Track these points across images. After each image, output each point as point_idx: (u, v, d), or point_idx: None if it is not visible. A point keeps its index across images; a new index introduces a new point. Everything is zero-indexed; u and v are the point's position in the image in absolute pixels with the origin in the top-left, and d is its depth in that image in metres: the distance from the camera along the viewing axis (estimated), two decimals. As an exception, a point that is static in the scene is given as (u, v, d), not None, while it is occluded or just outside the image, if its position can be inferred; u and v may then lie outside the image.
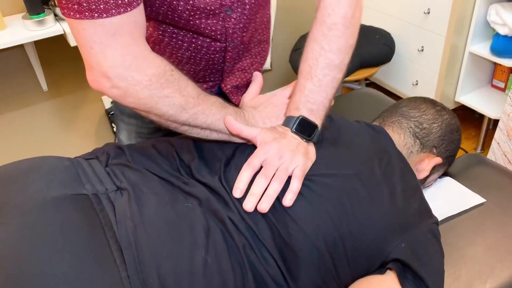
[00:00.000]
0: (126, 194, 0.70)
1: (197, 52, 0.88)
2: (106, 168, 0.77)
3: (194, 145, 0.84)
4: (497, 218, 0.95)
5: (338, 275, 0.73)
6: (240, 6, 0.86)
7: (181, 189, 0.74)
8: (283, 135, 0.79)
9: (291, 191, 0.73)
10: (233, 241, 0.68)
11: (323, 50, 0.82)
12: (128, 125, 1.09)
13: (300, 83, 0.83)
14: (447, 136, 0.96)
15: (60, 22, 1.61)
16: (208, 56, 0.90)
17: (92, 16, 0.65)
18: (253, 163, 0.75)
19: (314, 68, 0.82)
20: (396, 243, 0.74)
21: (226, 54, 0.92)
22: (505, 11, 1.84)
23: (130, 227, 0.65)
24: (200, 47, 0.88)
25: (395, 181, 0.79)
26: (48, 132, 2.02)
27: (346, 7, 0.82)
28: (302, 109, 0.81)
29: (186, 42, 0.86)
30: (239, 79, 1.01)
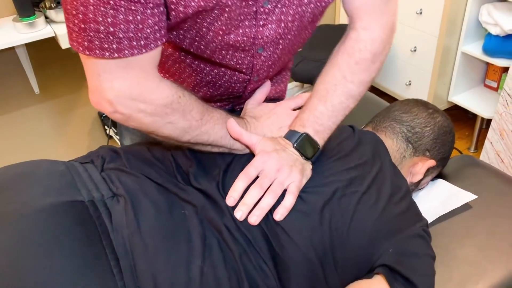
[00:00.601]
0: (122, 201, 0.69)
1: (218, 78, 0.84)
2: (102, 173, 0.76)
3: (191, 150, 0.82)
4: (489, 220, 0.95)
5: (328, 283, 0.73)
6: (273, 46, 0.79)
7: (177, 195, 0.73)
8: (284, 148, 0.78)
9: (284, 206, 0.72)
10: (229, 250, 0.68)
11: (345, 80, 0.80)
12: (132, 133, 1.06)
13: (312, 102, 0.81)
14: (440, 139, 0.96)
15: (51, 25, 1.60)
16: (229, 85, 0.86)
17: (103, 55, 0.61)
18: (250, 173, 0.74)
19: (331, 93, 0.80)
20: (384, 249, 0.74)
21: (248, 86, 0.88)
22: (497, 11, 1.84)
23: (126, 236, 0.65)
24: (222, 74, 0.84)
25: (385, 187, 0.79)
26: (41, 135, 2.01)
27: (379, 45, 0.80)
28: (309, 127, 0.79)
29: (208, 66, 0.82)
30: None
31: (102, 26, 0.58)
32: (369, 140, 0.89)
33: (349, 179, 0.77)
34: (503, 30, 1.83)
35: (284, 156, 0.76)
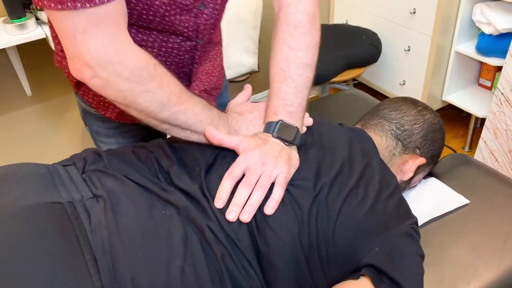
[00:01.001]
0: (102, 202, 0.68)
1: (168, 56, 0.86)
2: (83, 174, 0.75)
3: (172, 150, 0.82)
4: (481, 219, 0.95)
5: (314, 282, 0.72)
6: (213, 1, 0.84)
7: (159, 196, 0.72)
8: (265, 141, 0.77)
9: (273, 199, 0.71)
10: (211, 250, 0.67)
11: (292, 50, 0.81)
12: (108, 144, 1.06)
13: (275, 87, 0.82)
14: (430, 136, 0.96)
15: (42, 26, 1.59)
16: (179, 59, 0.88)
17: (75, 6, 0.63)
18: (235, 173, 0.74)
19: (287, 69, 0.81)
20: (370, 247, 0.74)
21: (195, 54, 0.90)
22: (490, 10, 1.84)
23: (105, 236, 0.64)
24: (170, 50, 0.85)
25: (373, 184, 0.78)
26: (33, 137, 1.99)
27: (307, 3, 0.82)
28: (281, 113, 0.80)
29: (156, 47, 0.84)
30: (205, 82, 1.00)
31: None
32: (357, 137, 0.88)
33: (336, 174, 0.77)
34: (496, 29, 1.83)
35: (267, 149, 0.76)
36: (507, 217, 0.94)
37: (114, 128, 1.02)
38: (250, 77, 2.43)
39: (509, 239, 0.90)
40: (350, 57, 2.06)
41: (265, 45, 2.40)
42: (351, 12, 2.38)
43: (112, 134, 1.04)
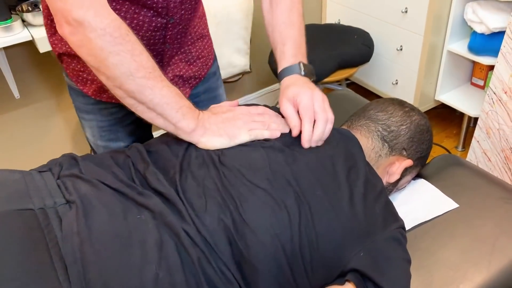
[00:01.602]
0: (74, 208, 0.67)
1: (139, 30, 0.87)
2: (58, 180, 0.74)
3: (148, 153, 0.81)
4: (470, 221, 0.94)
5: (297, 286, 0.71)
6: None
7: (134, 200, 0.71)
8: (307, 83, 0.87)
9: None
10: (188, 254, 0.66)
11: (292, 2, 0.94)
12: (89, 121, 1.09)
13: (284, 32, 0.92)
14: (417, 137, 0.94)
15: (29, 28, 1.57)
16: (149, 34, 0.89)
17: None
18: (311, 115, 0.83)
19: (292, 17, 0.93)
20: (355, 251, 0.73)
21: (167, 33, 0.92)
22: (482, 9, 1.83)
23: (76, 243, 0.63)
24: (142, 23, 0.87)
25: (358, 186, 0.77)
26: (22, 140, 1.97)
27: None
28: (298, 54, 0.91)
29: (128, 18, 0.85)
30: (183, 69, 1.03)
31: None
32: (342, 138, 0.88)
33: (320, 175, 0.76)
34: (488, 28, 1.82)
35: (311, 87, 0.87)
36: (497, 219, 0.93)
37: (93, 104, 1.04)
38: (242, 77, 2.42)
39: (498, 242, 0.88)
40: (342, 57, 2.04)
41: (256, 45, 2.38)
42: (343, 11, 2.36)
43: (91, 110, 1.06)
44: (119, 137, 1.10)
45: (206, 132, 0.81)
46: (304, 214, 0.71)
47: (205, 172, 0.76)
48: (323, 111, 0.83)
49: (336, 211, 0.74)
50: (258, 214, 0.70)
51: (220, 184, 0.74)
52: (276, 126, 0.85)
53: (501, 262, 0.85)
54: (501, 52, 1.63)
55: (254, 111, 0.87)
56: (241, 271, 0.69)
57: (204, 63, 1.09)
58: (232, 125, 0.82)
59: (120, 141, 1.11)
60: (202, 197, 0.72)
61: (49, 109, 1.97)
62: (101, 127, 1.08)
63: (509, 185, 1.03)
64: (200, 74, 1.09)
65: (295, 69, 0.89)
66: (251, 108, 0.88)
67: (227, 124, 0.83)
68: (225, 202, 0.71)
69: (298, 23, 0.94)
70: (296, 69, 0.89)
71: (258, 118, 0.85)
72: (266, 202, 0.72)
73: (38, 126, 1.98)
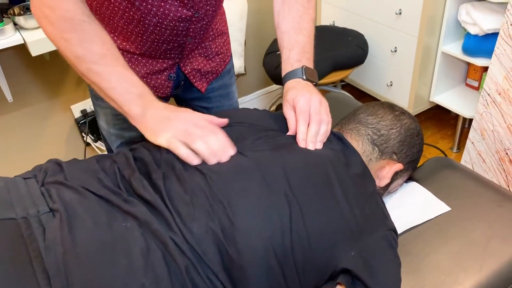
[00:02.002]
0: (58, 216, 0.66)
1: (164, 18, 0.90)
2: (42, 187, 0.73)
3: (134, 159, 0.80)
4: (462, 225, 0.93)
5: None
6: None
7: (120, 208, 0.70)
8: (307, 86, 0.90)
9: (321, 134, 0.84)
10: (175, 262, 0.65)
11: (305, 8, 0.97)
12: (104, 108, 1.11)
13: (292, 38, 0.95)
14: (407, 141, 0.94)
15: (20, 31, 1.56)
16: (173, 24, 0.92)
17: None
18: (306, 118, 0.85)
19: (302, 23, 0.96)
20: (346, 252, 0.72)
21: (190, 26, 0.95)
22: (475, 11, 1.83)
23: (59, 253, 0.62)
24: (167, 12, 0.89)
25: (348, 186, 0.77)
26: (16, 144, 1.96)
27: None
28: (303, 59, 0.93)
29: (155, 6, 0.87)
30: (201, 63, 1.07)
31: None
32: (336, 138, 0.88)
33: (311, 174, 0.76)
34: (481, 29, 1.82)
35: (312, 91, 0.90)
36: (488, 223, 0.93)
37: None
38: (237, 79, 2.41)
39: (489, 246, 0.88)
40: (336, 58, 2.04)
41: (251, 48, 2.38)
42: (338, 13, 2.36)
43: None
44: (132, 127, 1.11)
45: (143, 121, 0.81)
46: (295, 215, 0.71)
47: (191, 177, 0.75)
48: (317, 113, 0.85)
49: (327, 211, 0.73)
50: (248, 218, 0.70)
51: (208, 190, 0.73)
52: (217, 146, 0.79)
53: (493, 266, 0.85)
54: (495, 54, 1.63)
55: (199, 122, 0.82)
56: (231, 278, 0.68)
57: (222, 60, 1.13)
58: (164, 124, 0.80)
59: (132, 131, 1.12)
60: (189, 204, 0.71)
61: (42, 113, 1.96)
62: (115, 115, 1.10)
63: (501, 188, 1.03)
64: (217, 70, 1.13)
65: (297, 73, 0.92)
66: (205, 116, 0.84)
67: (163, 122, 0.81)
68: (214, 209, 0.71)
69: (308, 29, 0.96)
70: (298, 73, 0.92)
71: (194, 130, 0.79)
72: (256, 205, 0.71)
73: (31, 130, 1.97)
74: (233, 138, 0.83)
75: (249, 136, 0.85)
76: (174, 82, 1.07)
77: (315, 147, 0.83)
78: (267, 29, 2.40)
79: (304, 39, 0.95)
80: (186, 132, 0.79)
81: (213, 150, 0.77)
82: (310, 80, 0.92)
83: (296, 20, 0.96)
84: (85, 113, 2.04)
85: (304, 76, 0.92)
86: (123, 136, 1.14)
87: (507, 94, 1.63)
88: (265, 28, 2.39)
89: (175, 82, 1.07)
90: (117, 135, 1.14)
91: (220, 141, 0.79)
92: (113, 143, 1.17)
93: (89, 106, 2.04)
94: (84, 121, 2.03)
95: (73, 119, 2.05)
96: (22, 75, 1.83)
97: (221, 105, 1.20)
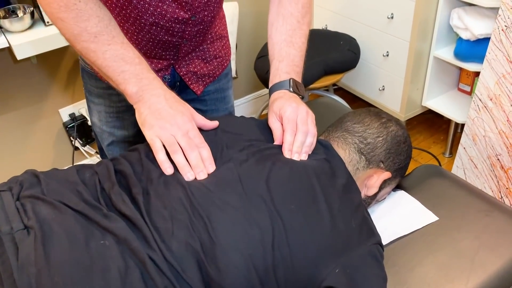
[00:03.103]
0: (33, 234, 0.63)
1: (160, 18, 0.91)
2: (17, 202, 0.70)
3: (115, 169, 0.78)
4: (450, 235, 0.91)
5: None
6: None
7: (98, 224, 0.68)
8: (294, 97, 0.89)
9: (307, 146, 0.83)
10: (154, 283, 0.63)
11: (299, 23, 0.97)
12: (97, 105, 1.11)
13: (283, 50, 0.95)
14: (394, 149, 0.92)
15: (6, 35, 1.54)
16: (170, 25, 0.93)
17: None
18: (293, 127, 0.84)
19: (294, 37, 0.96)
20: (330, 268, 0.70)
21: (186, 28, 0.95)
22: (467, 16, 1.82)
23: (32, 274, 0.59)
24: (164, 12, 0.89)
25: (334, 199, 0.75)
26: (3, 149, 1.93)
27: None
28: (291, 72, 0.93)
29: (152, 5, 0.88)
30: (198, 66, 1.07)
31: None
32: (322, 149, 0.86)
33: (295, 189, 0.74)
34: (473, 34, 1.80)
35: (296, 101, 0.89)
36: (476, 233, 0.91)
37: (104, 88, 1.07)
38: (229, 83, 2.39)
39: (477, 257, 0.86)
40: (327, 62, 2.02)
41: (242, 52, 2.36)
42: (330, 17, 2.35)
43: (101, 94, 1.09)
44: (124, 126, 1.13)
45: (138, 103, 0.81)
46: (277, 231, 0.69)
47: (171, 191, 0.72)
48: (304, 123, 0.84)
49: (311, 226, 0.71)
50: (229, 234, 0.67)
51: (188, 204, 0.70)
52: (197, 163, 0.77)
53: (480, 278, 0.83)
54: (486, 59, 1.61)
55: (191, 133, 0.79)
56: None
57: (220, 63, 1.13)
58: (155, 119, 0.79)
59: (124, 130, 1.13)
60: (168, 220, 0.69)
61: (29, 117, 1.93)
62: (108, 112, 1.11)
63: (489, 197, 1.02)
64: (215, 73, 1.13)
65: (284, 85, 0.92)
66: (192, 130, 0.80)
67: (155, 116, 0.79)
68: (194, 224, 0.68)
69: (300, 44, 0.96)
70: (286, 85, 0.92)
71: (181, 140, 0.77)
72: (238, 221, 0.69)
73: (19, 134, 1.94)
74: (218, 148, 0.81)
75: (234, 146, 0.83)
76: (169, 83, 1.06)
77: (300, 158, 0.82)
78: (258, 33, 2.38)
79: (295, 53, 0.95)
80: (171, 139, 0.77)
81: (192, 165, 0.76)
82: (296, 93, 0.92)
83: (289, 33, 0.96)
84: (73, 117, 2.01)
85: (291, 88, 0.91)
86: (114, 135, 1.14)
87: (498, 100, 1.62)
88: (257, 32, 2.38)
89: (169, 83, 1.06)
90: (109, 133, 1.14)
91: (203, 157, 0.78)
92: (105, 140, 1.17)
93: (78, 109, 2.02)
94: (72, 124, 2.00)
95: (61, 123, 2.02)
96: (8, 79, 1.80)
97: (216, 108, 1.19)
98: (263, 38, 2.35)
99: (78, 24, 0.79)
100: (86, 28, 0.79)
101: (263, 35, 2.37)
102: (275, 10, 0.99)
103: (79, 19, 0.79)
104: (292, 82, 0.92)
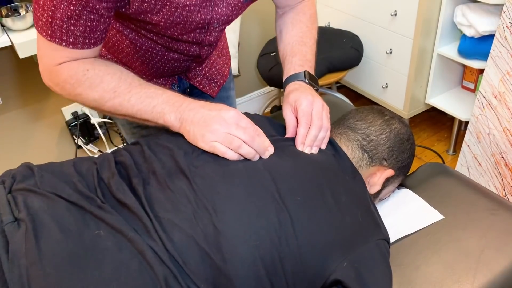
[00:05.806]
0: (24, 227, 0.62)
1: (166, 63, 0.95)
2: (9, 194, 0.69)
3: (115, 160, 0.78)
4: (455, 234, 0.91)
5: None
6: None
7: (93, 214, 0.67)
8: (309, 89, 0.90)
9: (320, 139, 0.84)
10: (153, 272, 0.62)
11: (308, 28, 1.02)
12: (120, 120, 1.14)
13: (296, 48, 0.99)
14: (397, 147, 0.91)
15: (8, 33, 1.53)
16: (175, 65, 0.98)
17: (61, 43, 0.76)
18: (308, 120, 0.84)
19: (304, 38, 1.00)
20: (338, 262, 0.69)
21: (191, 64, 1.03)
22: (471, 12, 1.81)
23: (23, 266, 0.58)
24: (171, 60, 0.95)
25: (340, 193, 0.74)
26: (5, 147, 1.93)
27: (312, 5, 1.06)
28: (305, 65, 0.95)
29: (159, 55, 0.93)
30: (209, 71, 1.11)
31: (65, 24, 0.74)
32: (328, 145, 0.85)
33: (301, 181, 0.73)
34: (477, 31, 1.79)
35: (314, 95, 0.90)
36: (482, 232, 0.90)
37: None
38: (231, 81, 2.39)
39: (483, 256, 0.86)
40: (330, 60, 2.02)
41: (245, 49, 2.35)
42: (334, 14, 2.34)
43: None
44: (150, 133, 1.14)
45: (182, 126, 0.79)
46: (284, 223, 0.68)
47: (175, 182, 0.72)
48: (319, 118, 0.84)
49: (318, 218, 0.70)
50: (235, 224, 0.67)
51: (193, 195, 0.70)
52: (261, 147, 0.77)
53: (486, 277, 0.83)
54: (491, 56, 1.60)
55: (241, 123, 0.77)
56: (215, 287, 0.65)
57: (225, 62, 1.19)
58: (204, 129, 0.76)
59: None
60: (170, 211, 0.68)
61: (32, 115, 1.93)
62: (133, 127, 1.13)
63: (495, 195, 1.01)
64: (224, 72, 1.18)
65: (299, 76, 0.93)
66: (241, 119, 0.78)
67: (201, 126, 0.76)
68: (198, 215, 0.68)
69: (311, 44, 1.00)
70: (301, 76, 0.92)
71: (237, 133, 0.75)
72: (243, 211, 0.68)
73: (21, 132, 1.94)
74: None
75: None
76: (179, 91, 1.08)
77: (311, 151, 0.82)
78: (261, 31, 2.37)
79: (307, 50, 0.98)
80: (228, 137, 0.75)
81: (258, 151, 0.77)
82: (311, 85, 0.92)
83: (299, 35, 1.00)
84: (76, 115, 2.01)
85: (307, 79, 0.92)
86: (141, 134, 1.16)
87: (502, 97, 1.61)
88: (259, 30, 2.37)
89: (179, 91, 1.08)
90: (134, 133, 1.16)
91: (263, 141, 0.78)
92: None
93: (81, 108, 2.02)
94: (75, 123, 2.00)
95: (64, 121, 2.02)
96: (10, 78, 1.80)
97: None
98: (266, 36, 2.35)
99: (95, 89, 0.80)
100: (104, 88, 0.80)
101: (265, 33, 2.37)
102: (281, 20, 1.04)
103: (93, 85, 0.80)
104: (307, 74, 0.92)
